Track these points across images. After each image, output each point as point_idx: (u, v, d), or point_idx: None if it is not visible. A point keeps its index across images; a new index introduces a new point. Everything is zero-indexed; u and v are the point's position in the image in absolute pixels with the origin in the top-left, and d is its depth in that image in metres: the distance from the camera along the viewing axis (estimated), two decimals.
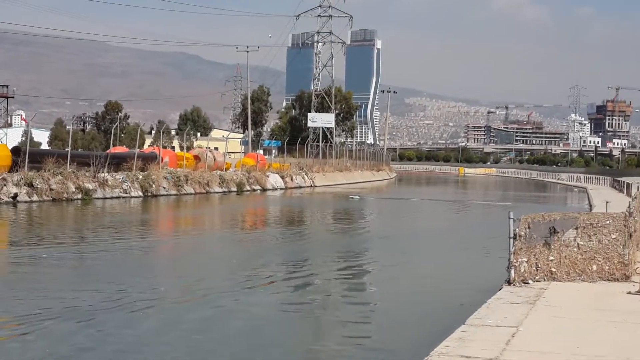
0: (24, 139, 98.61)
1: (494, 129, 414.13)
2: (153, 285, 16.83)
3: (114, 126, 73.36)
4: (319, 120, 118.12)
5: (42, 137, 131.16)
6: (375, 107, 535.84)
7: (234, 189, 62.00)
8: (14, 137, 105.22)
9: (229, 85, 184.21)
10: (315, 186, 78.80)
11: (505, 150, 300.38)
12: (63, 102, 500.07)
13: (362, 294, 16.66)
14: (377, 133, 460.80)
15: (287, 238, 29.34)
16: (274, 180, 70.99)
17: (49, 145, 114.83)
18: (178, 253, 24.21)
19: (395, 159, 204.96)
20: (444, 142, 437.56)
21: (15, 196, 41.00)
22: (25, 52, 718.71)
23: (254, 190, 65.24)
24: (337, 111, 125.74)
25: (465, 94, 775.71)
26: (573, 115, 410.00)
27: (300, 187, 75.12)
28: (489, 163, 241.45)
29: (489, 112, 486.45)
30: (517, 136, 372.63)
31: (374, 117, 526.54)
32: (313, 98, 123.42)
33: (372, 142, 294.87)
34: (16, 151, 47.49)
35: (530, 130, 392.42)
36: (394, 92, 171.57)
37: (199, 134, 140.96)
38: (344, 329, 13.05)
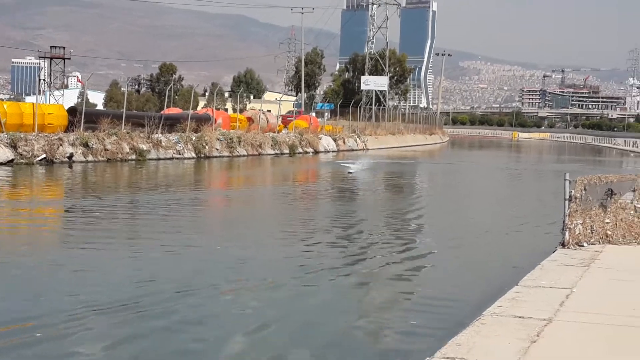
0: (79, 100, 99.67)
1: (550, 93, 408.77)
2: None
3: (168, 88, 73.57)
4: (372, 83, 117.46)
5: (97, 98, 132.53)
6: (429, 70, 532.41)
7: (287, 151, 62.08)
8: (70, 98, 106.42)
9: (283, 47, 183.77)
10: (368, 149, 78.63)
11: (560, 115, 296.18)
12: (118, 64, 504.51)
13: (414, 255, 16.53)
14: (430, 97, 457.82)
15: (339, 199, 29.33)
16: (326, 142, 70.95)
17: (104, 107, 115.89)
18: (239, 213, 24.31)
19: (449, 122, 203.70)
20: (497, 106, 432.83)
21: (71, 156, 41.49)
22: (90, 14, 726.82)
23: (307, 152, 65.29)
24: (390, 74, 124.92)
25: (521, 57, 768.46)
26: (631, 79, 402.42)
27: (352, 150, 74.98)
28: (543, 127, 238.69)
29: (544, 76, 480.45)
30: (572, 100, 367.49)
31: (428, 81, 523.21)
32: (367, 61, 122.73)
33: (425, 106, 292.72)
34: (72, 111, 47.92)
35: (587, 95, 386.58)
36: (449, 55, 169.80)
37: (252, 97, 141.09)
38: (396, 288, 13.00)
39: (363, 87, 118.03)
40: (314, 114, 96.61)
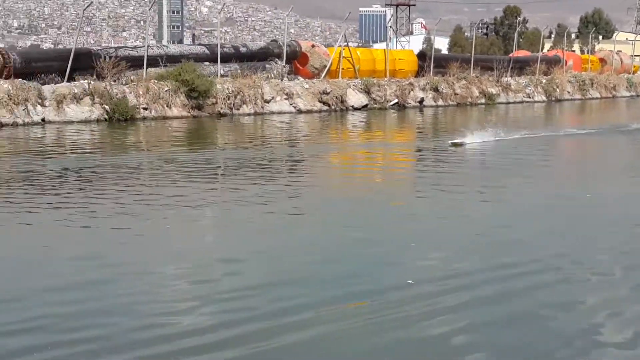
0: (424, 46, 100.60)
1: None
2: None
3: (515, 30, 71.87)
4: None
5: (441, 44, 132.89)
6: None
7: None
8: (415, 44, 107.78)
9: None
10: None
11: None
12: (461, 9, 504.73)
13: None
14: None
15: None
16: None
17: (448, 52, 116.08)
18: None
19: None
20: None
21: (421, 101, 41.91)
22: None
23: None
24: None
25: None
26: None
27: None
28: None
29: None
30: None
31: None
32: None
33: None
34: (421, 56, 48.51)
35: None
36: None
37: (600, 37, 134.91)
38: None
39: None
40: None
